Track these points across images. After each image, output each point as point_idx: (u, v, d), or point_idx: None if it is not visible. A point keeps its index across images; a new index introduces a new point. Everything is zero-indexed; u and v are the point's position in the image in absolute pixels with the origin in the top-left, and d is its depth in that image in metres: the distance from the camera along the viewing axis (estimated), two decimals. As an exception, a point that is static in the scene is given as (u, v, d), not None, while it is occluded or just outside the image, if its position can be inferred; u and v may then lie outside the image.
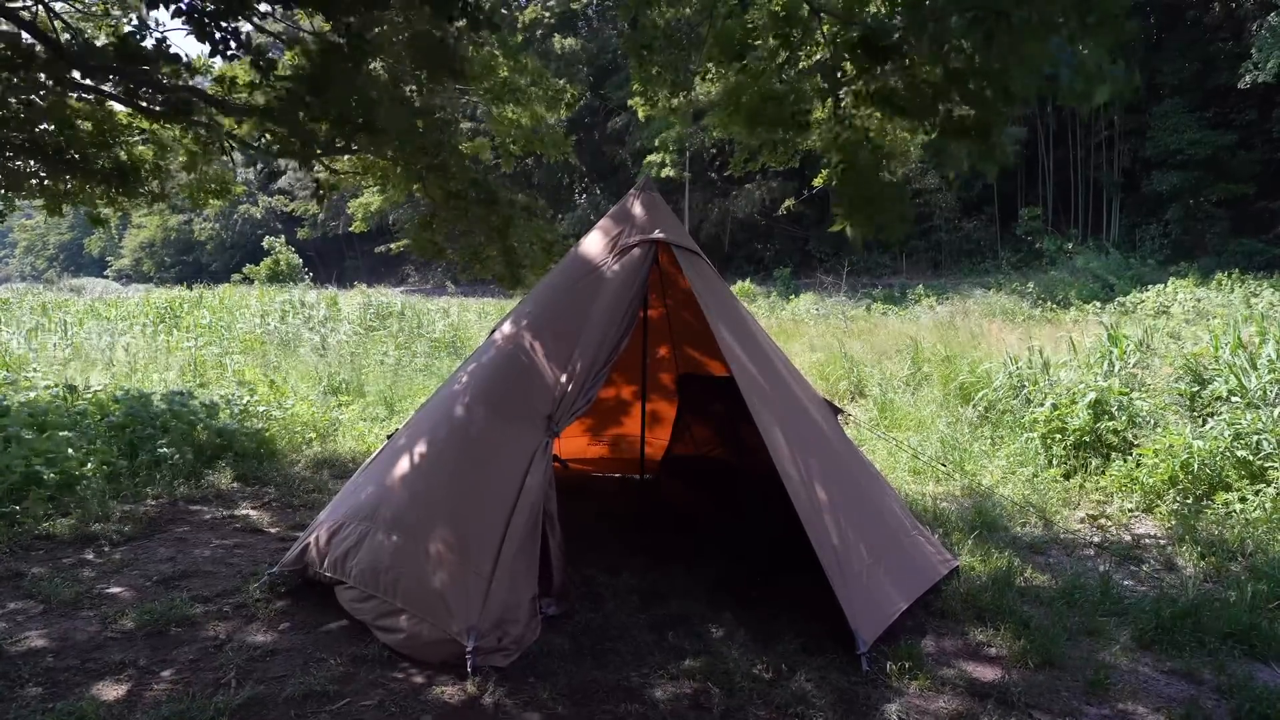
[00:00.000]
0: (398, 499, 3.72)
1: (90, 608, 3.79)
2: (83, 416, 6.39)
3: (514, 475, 3.51)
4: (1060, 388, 7.35)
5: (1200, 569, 4.52)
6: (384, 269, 52.70)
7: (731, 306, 4.56)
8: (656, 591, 4.16)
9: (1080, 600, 4.06)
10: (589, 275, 4.14)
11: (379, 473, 4.00)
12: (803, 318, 19.40)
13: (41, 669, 3.18)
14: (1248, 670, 3.41)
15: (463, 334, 14.63)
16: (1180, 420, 6.55)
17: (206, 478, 5.94)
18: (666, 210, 4.54)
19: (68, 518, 4.95)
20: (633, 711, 2.99)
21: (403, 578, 3.45)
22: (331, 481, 6.11)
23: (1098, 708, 3.14)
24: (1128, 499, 5.69)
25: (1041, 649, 3.51)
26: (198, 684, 3.09)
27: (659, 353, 6.35)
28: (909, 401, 8.85)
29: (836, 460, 4.24)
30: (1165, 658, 3.54)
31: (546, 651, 3.40)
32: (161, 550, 4.63)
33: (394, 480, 3.82)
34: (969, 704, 3.10)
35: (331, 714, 2.91)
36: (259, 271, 36.14)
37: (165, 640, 3.48)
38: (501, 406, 3.80)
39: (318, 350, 11.49)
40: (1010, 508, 5.59)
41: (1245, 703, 3.11)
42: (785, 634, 3.64)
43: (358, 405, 8.65)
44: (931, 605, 3.99)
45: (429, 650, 3.29)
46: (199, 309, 15.53)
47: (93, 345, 10.73)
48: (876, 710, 3.05)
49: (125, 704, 2.94)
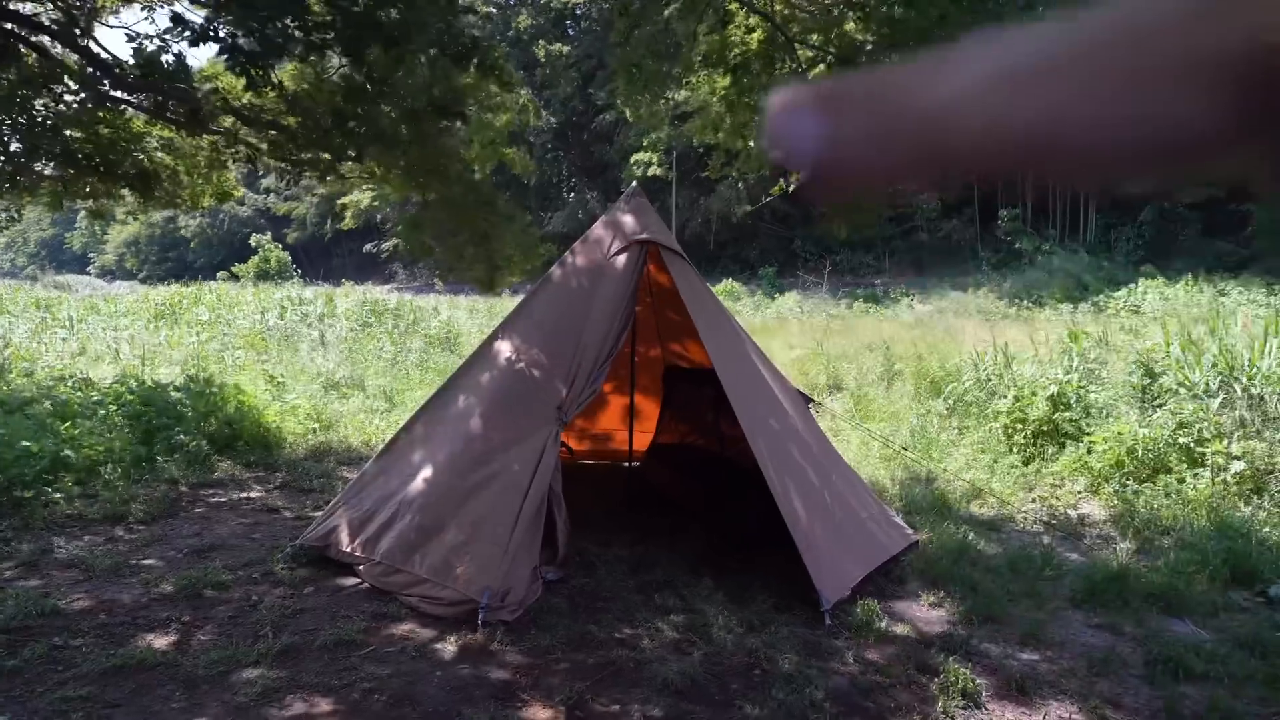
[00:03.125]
0: (422, 486, 4.13)
1: (130, 575, 4.18)
2: (99, 406, 6.75)
3: (528, 462, 3.93)
4: (1023, 381, 7.84)
5: (1134, 542, 5.00)
6: (371, 267, 52.86)
7: (712, 305, 4.99)
8: (643, 561, 4.59)
9: (1024, 569, 4.53)
10: (587, 276, 4.56)
11: (401, 462, 4.40)
12: (786, 316, 19.89)
13: (96, 624, 3.57)
14: (1163, 624, 3.89)
15: (455, 330, 15.01)
16: (1131, 411, 7.04)
17: (219, 464, 6.32)
18: (653, 214, 4.97)
19: (95, 499, 5.32)
20: (623, 656, 3.43)
21: (428, 554, 3.87)
22: (338, 468, 6.50)
23: (1030, 653, 3.60)
24: (1077, 482, 6.17)
25: (985, 607, 3.97)
26: (238, 635, 3.49)
27: (644, 348, 6.77)
28: (883, 395, 9.32)
29: (807, 447, 4.67)
30: (1093, 614, 4.01)
31: (546, 609, 3.83)
32: (186, 527, 5.01)
33: (417, 469, 4.23)
34: (916, 650, 3.55)
35: (361, 657, 3.32)
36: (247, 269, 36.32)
37: (203, 601, 3.87)
38: (514, 401, 4.22)
39: (317, 346, 11.85)
40: (970, 490, 6.06)
41: (1156, 649, 3.57)
42: (759, 596, 4.08)
43: (358, 398, 9.03)
44: (891, 573, 4.44)
45: (447, 610, 3.71)
46: (197, 305, 15.83)
47: (98, 340, 11.05)
48: (836, 655, 3.50)
49: (177, 650, 3.33)
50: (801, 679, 3.23)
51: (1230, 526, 4.86)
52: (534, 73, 39.25)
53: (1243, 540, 4.64)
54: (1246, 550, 4.51)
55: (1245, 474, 5.52)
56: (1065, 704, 3.17)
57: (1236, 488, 5.49)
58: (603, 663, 3.38)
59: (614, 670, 3.32)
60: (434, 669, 3.28)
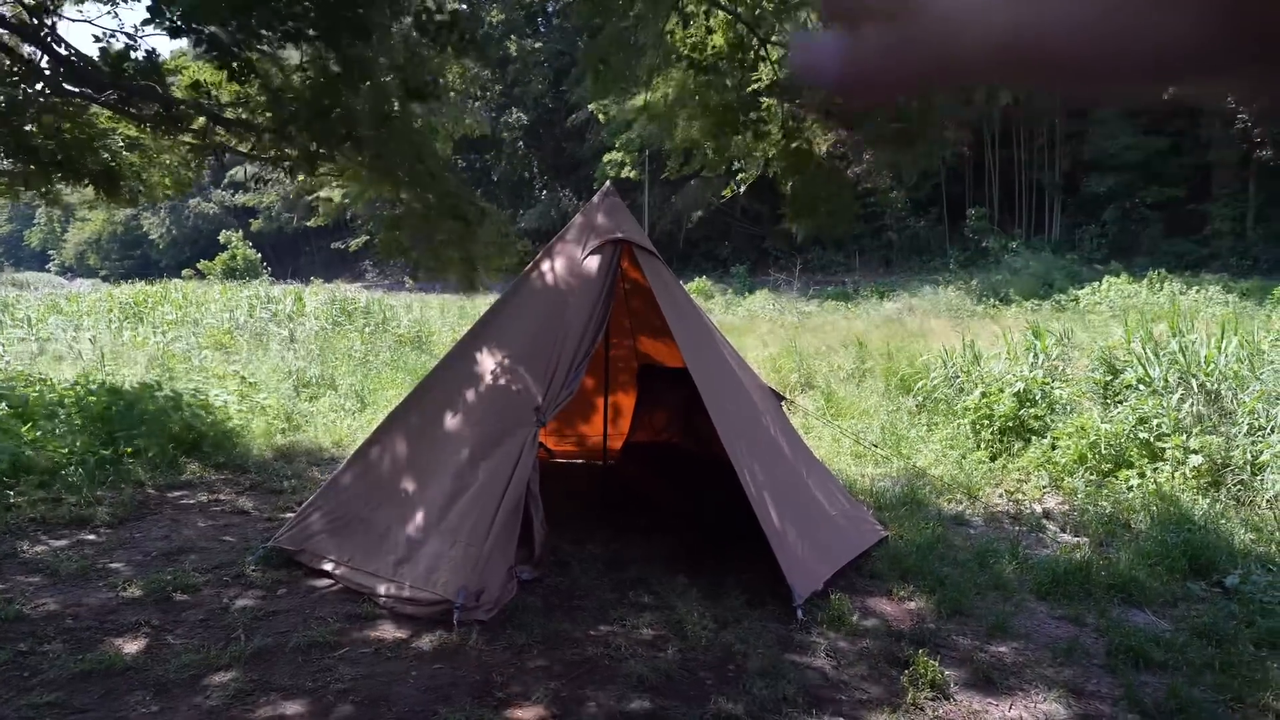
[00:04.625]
0: (399, 487, 4.12)
1: (97, 579, 4.11)
2: (61, 407, 6.62)
3: (506, 463, 3.93)
4: (990, 378, 7.99)
5: (1097, 535, 5.13)
6: (341, 264, 52.21)
7: (686, 303, 5.03)
8: (618, 559, 4.62)
9: (991, 562, 4.62)
10: (563, 276, 4.57)
11: (375, 461, 4.38)
12: (758, 314, 20.02)
13: (63, 628, 3.52)
14: (1124, 614, 4.00)
15: (426, 329, 14.91)
16: (1094, 406, 7.21)
17: (185, 465, 6.23)
18: (627, 214, 4.98)
19: (59, 502, 5.22)
20: (598, 653, 3.45)
21: (401, 554, 3.86)
22: (309, 469, 6.44)
23: (996, 645, 3.68)
24: (1042, 477, 6.31)
25: (953, 601, 4.05)
26: (209, 638, 3.46)
27: (619, 346, 6.79)
28: (854, 392, 9.44)
29: (778, 444, 4.73)
30: (1057, 606, 4.11)
31: (521, 608, 3.84)
32: (154, 530, 4.94)
33: (391, 468, 4.22)
34: (886, 643, 3.62)
35: (335, 659, 3.31)
36: (214, 267, 35.70)
37: (173, 604, 3.83)
38: (492, 401, 4.21)
39: (286, 344, 11.70)
40: (939, 486, 6.17)
41: (1117, 639, 3.67)
42: (732, 592, 4.13)
43: (329, 397, 8.94)
44: (862, 568, 4.51)
45: (421, 610, 3.70)
46: (163, 304, 15.55)
47: (59, 340, 10.82)
48: (807, 649, 3.55)
49: (147, 654, 3.30)
50: (774, 673, 3.28)
51: (1188, 519, 5.00)
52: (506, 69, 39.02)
53: (1200, 532, 4.78)
54: (1204, 542, 4.65)
55: (1203, 468, 5.69)
56: (1030, 693, 3.26)
57: (1195, 481, 5.65)
58: (578, 660, 3.40)
59: (589, 668, 3.34)
60: (409, 669, 3.28)
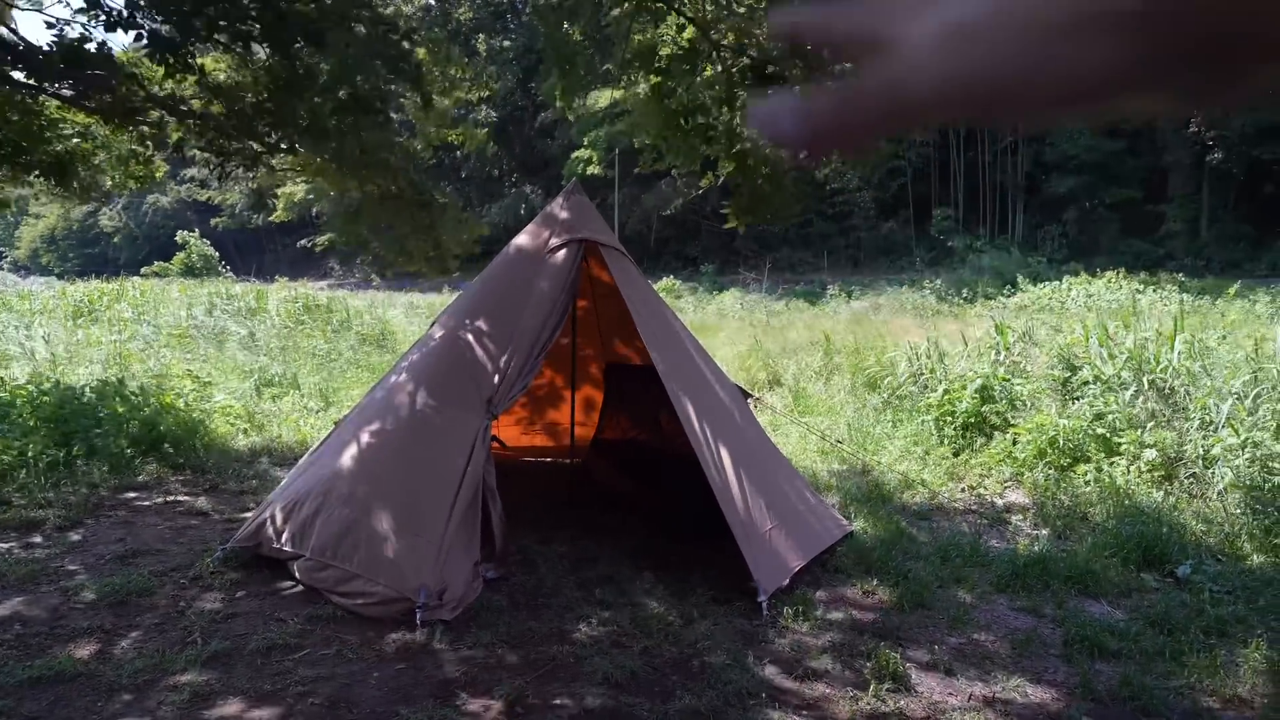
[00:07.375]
0: (352, 477, 4.06)
1: (48, 583, 4.00)
2: (12, 408, 6.43)
3: (459, 454, 3.89)
4: (953, 375, 8.10)
5: (1055, 528, 5.23)
6: (306, 263, 51.48)
7: (653, 302, 5.03)
8: (585, 557, 4.61)
9: (953, 556, 4.69)
10: (523, 271, 4.54)
11: (332, 454, 4.32)
12: (727, 313, 20.11)
13: (12, 635, 3.42)
14: (1081, 605, 4.08)
15: (389, 328, 14.74)
16: (1053, 402, 7.35)
17: (142, 466, 6.09)
18: (593, 211, 4.98)
19: (9, 505, 5.07)
20: (564, 651, 3.44)
21: (359, 547, 3.80)
22: (271, 469, 6.33)
23: (957, 638, 3.73)
24: (1003, 472, 6.41)
25: (915, 595, 4.10)
26: (165, 642, 3.38)
27: (586, 344, 6.78)
28: (821, 390, 9.52)
29: (745, 441, 4.75)
30: (1016, 598, 4.19)
31: (486, 607, 3.81)
32: (110, 532, 4.82)
33: (348, 460, 4.15)
34: (849, 637, 3.65)
35: (295, 662, 3.26)
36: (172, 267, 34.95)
37: (127, 608, 3.74)
38: (446, 392, 4.18)
39: (245, 343, 11.49)
40: (903, 482, 6.24)
41: (1074, 629, 3.74)
42: (698, 588, 4.14)
43: (292, 397, 8.80)
44: (827, 564, 4.55)
45: (382, 609, 3.65)
46: (120, 302, 15.18)
47: (9, 338, 10.51)
48: (771, 644, 3.57)
49: (99, 659, 3.22)
50: (738, 668, 3.30)
51: (1142, 512, 5.12)
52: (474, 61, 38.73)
53: (1154, 525, 4.90)
54: (1157, 534, 4.76)
55: (1157, 462, 5.82)
56: (989, 683, 3.31)
57: (1149, 475, 5.79)
58: (543, 659, 3.39)
59: (554, 666, 3.33)
60: (371, 670, 3.24)
